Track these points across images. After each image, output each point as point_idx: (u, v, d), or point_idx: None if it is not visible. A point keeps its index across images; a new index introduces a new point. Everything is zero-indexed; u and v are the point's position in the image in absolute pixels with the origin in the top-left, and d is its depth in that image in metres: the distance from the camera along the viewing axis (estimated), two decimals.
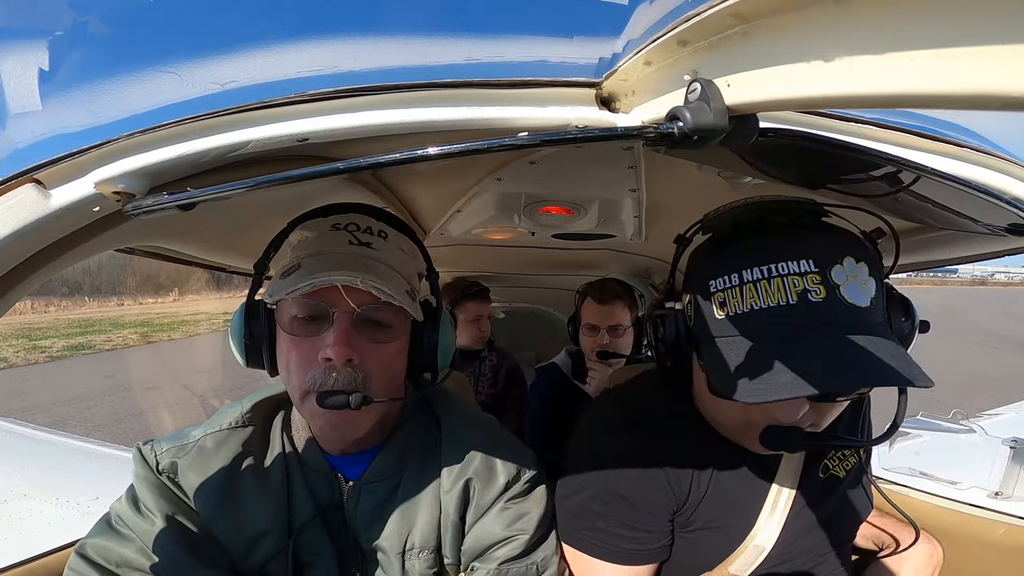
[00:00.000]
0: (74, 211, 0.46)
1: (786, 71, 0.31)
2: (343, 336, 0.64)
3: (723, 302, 0.60)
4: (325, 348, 0.63)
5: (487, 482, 0.73)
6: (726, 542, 0.76)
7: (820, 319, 0.56)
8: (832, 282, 0.57)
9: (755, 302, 0.58)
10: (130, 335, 16.07)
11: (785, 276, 0.57)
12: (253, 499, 0.70)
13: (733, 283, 0.60)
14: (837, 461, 0.80)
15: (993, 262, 3.53)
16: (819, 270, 0.57)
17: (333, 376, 0.64)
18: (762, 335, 0.58)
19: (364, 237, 0.69)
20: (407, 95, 0.44)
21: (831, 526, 0.78)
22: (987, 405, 6.56)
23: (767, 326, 0.58)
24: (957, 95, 0.25)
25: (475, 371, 2.02)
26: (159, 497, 0.68)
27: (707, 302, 0.62)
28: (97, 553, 0.66)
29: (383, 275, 0.65)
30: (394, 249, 0.72)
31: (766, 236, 0.62)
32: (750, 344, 0.58)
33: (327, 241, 0.69)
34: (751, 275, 0.59)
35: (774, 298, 0.57)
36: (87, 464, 1.75)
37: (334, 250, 0.68)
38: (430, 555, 0.73)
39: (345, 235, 0.69)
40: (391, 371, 0.70)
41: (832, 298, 0.56)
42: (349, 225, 0.70)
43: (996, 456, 1.45)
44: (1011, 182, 0.56)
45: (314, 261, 0.65)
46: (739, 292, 0.59)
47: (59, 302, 25.71)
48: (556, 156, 0.91)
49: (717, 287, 0.61)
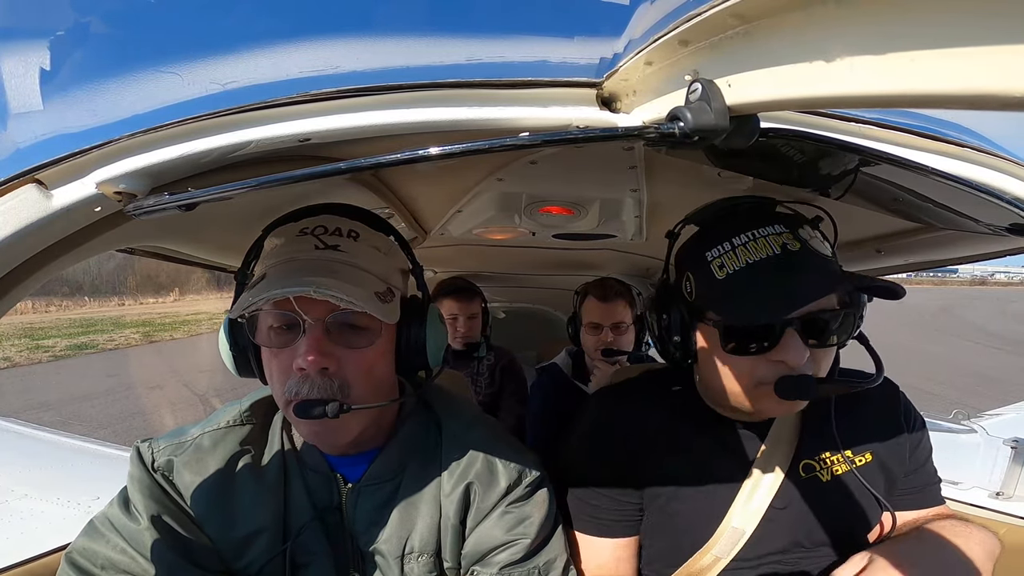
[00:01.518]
0: (75, 211, 0.47)
1: (787, 71, 0.31)
2: (314, 345, 0.62)
3: (721, 265, 0.71)
4: (298, 358, 0.63)
5: (488, 486, 0.73)
6: (705, 524, 0.79)
7: (800, 261, 0.69)
8: (801, 237, 0.70)
9: (748, 258, 0.70)
10: (132, 335, 16.19)
11: (767, 235, 0.70)
12: (249, 497, 0.70)
13: (726, 248, 0.71)
14: (823, 465, 0.82)
15: (994, 262, 3.57)
16: (790, 230, 0.71)
17: (308, 385, 0.63)
18: (761, 279, 0.69)
19: (331, 240, 0.68)
20: (408, 95, 0.44)
21: (821, 524, 0.80)
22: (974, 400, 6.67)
23: (755, 273, 0.69)
24: (957, 95, 0.25)
25: (472, 371, 2.02)
26: (148, 497, 0.68)
27: (706, 270, 0.72)
28: (83, 556, 0.66)
29: (348, 278, 0.63)
30: (366, 249, 0.69)
31: (743, 215, 0.75)
32: (754, 287, 0.68)
33: (294, 247, 0.67)
34: (740, 239, 0.71)
35: (763, 251, 0.69)
36: (87, 464, 1.75)
37: (300, 256, 0.66)
38: (429, 559, 0.72)
39: (311, 240, 0.67)
40: (373, 375, 0.68)
41: (805, 248, 0.70)
42: (316, 229, 0.68)
43: (997, 456, 1.45)
44: (1012, 182, 0.56)
45: (277, 271, 0.64)
46: (733, 254, 0.70)
47: (60, 302, 25.77)
48: (557, 156, 0.91)
49: (713, 255, 0.72)
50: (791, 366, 0.68)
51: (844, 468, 0.82)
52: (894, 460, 0.84)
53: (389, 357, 0.71)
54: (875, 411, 0.85)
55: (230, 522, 0.69)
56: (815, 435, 0.82)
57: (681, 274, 0.79)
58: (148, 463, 0.70)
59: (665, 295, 0.80)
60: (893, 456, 0.84)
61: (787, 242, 0.69)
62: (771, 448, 0.81)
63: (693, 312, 0.76)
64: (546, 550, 0.74)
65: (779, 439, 0.81)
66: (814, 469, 0.81)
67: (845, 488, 0.82)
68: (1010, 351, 12.56)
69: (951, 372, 9.13)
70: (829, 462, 0.82)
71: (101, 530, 0.67)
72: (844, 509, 0.82)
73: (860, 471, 0.81)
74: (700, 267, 0.74)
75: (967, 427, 1.86)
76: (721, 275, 0.71)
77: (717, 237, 0.72)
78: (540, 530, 0.73)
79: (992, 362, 10.90)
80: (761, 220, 0.72)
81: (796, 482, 0.80)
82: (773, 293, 0.67)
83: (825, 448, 0.82)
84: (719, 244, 0.72)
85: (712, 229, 0.75)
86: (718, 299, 0.71)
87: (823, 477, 0.81)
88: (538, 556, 0.73)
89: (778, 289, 0.67)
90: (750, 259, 0.69)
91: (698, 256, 0.74)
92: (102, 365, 11.15)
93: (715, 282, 0.71)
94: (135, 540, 0.65)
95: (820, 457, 0.82)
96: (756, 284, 0.68)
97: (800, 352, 0.68)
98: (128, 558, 0.65)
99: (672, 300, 0.78)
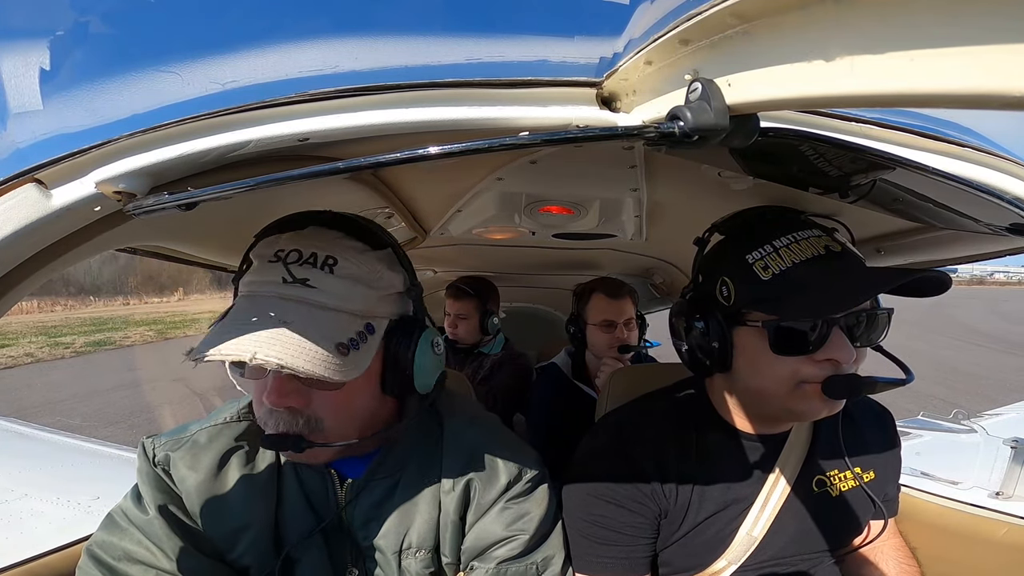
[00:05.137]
0: (75, 211, 0.46)
1: (787, 71, 0.31)
2: (276, 387, 0.62)
3: (765, 266, 0.71)
4: (263, 393, 0.63)
5: (488, 482, 0.73)
6: (722, 534, 0.80)
7: (845, 262, 0.71)
8: (840, 240, 0.73)
9: (793, 258, 0.70)
10: (146, 332, 16.47)
11: (808, 238, 0.71)
12: (240, 492, 0.71)
13: (768, 251, 0.71)
14: (835, 480, 0.84)
15: (993, 261, 3.57)
16: (827, 234, 0.73)
17: (273, 419, 0.64)
18: (813, 277, 0.69)
19: (301, 272, 0.62)
20: (408, 95, 0.44)
21: (824, 534, 0.82)
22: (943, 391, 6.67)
23: (806, 271, 0.69)
24: (957, 95, 0.25)
25: (472, 369, 2.02)
26: (154, 489, 0.70)
27: (749, 273, 0.72)
28: (101, 549, 0.68)
29: (305, 329, 0.58)
30: (340, 283, 0.63)
31: (776, 222, 0.75)
32: (807, 285, 0.69)
33: (260, 277, 0.63)
34: (781, 242, 0.71)
35: (806, 252, 0.70)
36: (88, 464, 1.75)
37: (261, 293, 0.62)
38: (427, 555, 0.73)
39: (280, 269, 0.62)
40: (349, 409, 0.67)
41: (845, 249, 0.72)
42: (290, 255, 0.63)
43: (997, 456, 1.45)
44: (1012, 182, 0.56)
45: (232, 317, 0.61)
46: (776, 255, 0.71)
47: (65, 301, 25.89)
48: (557, 156, 0.91)
49: (755, 258, 0.72)
50: (841, 364, 0.68)
51: (852, 484, 0.84)
52: (890, 476, 0.88)
53: (371, 385, 0.69)
54: (879, 434, 0.89)
55: (221, 515, 0.71)
56: (825, 449, 0.84)
57: (713, 281, 0.77)
58: (151, 457, 0.73)
59: (698, 303, 0.78)
60: (890, 472, 0.88)
61: (828, 244, 0.71)
62: (784, 460, 0.82)
63: (731, 317, 0.74)
64: (545, 546, 0.74)
65: (791, 451, 0.82)
66: (825, 484, 0.83)
67: (851, 503, 0.85)
68: (990, 347, 12.86)
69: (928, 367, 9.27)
70: (838, 478, 0.84)
71: (119, 522, 0.70)
72: (847, 522, 0.84)
73: (867, 487, 0.84)
74: (740, 270, 0.73)
75: (967, 427, 1.86)
76: (767, 276, 0.70)
77: (756, 241, 0.73)
78: (539, 526, 0.73)
79: (970, 358, 11.18)
80: (797, 225, 0.73)
81: (807, 494, 0.82)
82: (828, 290, 0.67)
83: (836, 465, 0.84)
84: (759, 246, 0.72)
85: (747, 234, 0.75)
86: (767, 299, 0.71)
87: (832, 492, 0.83)
88: (537, 552, 0.73)
89: (834, 286, 0.67)
90: (796, 259, 0.69)
91: (736, 260, 0.74)
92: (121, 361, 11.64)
93: (761, 283, 0.71)
94: (147, 530, 0.68)
95: (830, 474, 0.84)
96: (809, 282, 0.68)
97: (849, 351, 0.68)
98: (144, 548, 0.67)
99: (708, 307, 0.76)
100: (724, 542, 0.80)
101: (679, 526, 0.80)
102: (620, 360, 1.67)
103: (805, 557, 0.82)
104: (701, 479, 0.80)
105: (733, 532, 0.80)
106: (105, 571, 0.67)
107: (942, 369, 9.47)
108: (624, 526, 0.78)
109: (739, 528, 0.80)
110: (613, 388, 1.31)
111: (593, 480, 0.80)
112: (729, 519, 0.80)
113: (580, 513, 0.79)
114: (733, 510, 0.80)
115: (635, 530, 0.79)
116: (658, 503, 0.79)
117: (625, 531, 0.78)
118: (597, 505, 0.79)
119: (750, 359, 0.74)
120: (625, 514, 0.78)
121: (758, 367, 0.73)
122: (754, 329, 0.72)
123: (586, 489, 0.80)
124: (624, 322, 1.68)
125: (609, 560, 0.78)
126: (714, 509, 0.80)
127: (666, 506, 0.79)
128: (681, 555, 0.81)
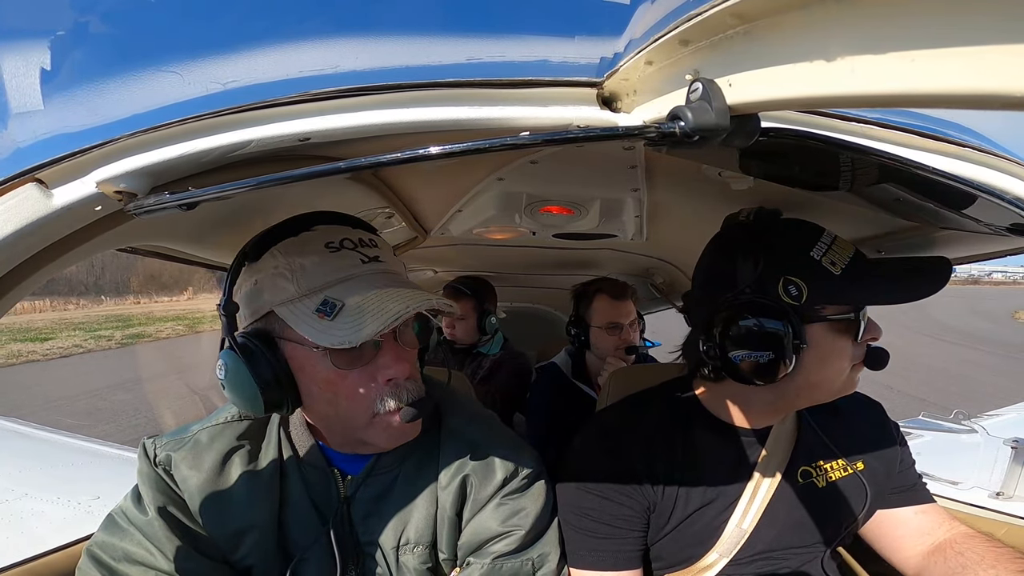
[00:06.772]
0: (76, 210, 0.46)
1: (788, 71, 0.31)
2: (401, 355, 0.67)
3: (833, 261, 0.72)
4: (384, 370, 0.65)
5: (484, 478, 0.73)
6: (712, 527, 0.81)
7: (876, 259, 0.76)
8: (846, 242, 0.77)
9: (847, 254, 0.73)
10: (176, 327, 17.56)
11: (835, 238, 0.75)
12: (243, 492, 0.71)
13: (823, 250, 0.73)
14: (819, 471, 0.85)
15: (992, 261, 3.59)
16: None
17: (404, 392, 0.67)
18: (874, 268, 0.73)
19: (369, 252, 0.66)
20: (408, 95, 0.44)
21: (814, 525, 0.83)
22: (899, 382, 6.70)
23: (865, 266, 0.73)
24: (958, 95, 0.25)
25: (473, 368, 2.02)
26: (154, 490, 0.70)
27: (817, 268, 0.72)
28: (101, 550, 0.68)
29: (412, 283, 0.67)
30: (389, 251, 0.71)
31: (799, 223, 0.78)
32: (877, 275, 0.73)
33: (342, 263, 0.64)
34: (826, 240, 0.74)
35: (847, 253, 0.74)
36: (87, 464, 1.75)
37: (357, 272, 0.64)
38: (424, 551, 0.73)
39: (353, 254, 0.65)
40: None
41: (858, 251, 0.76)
42: (345, 242, 0.65)
43: (997, 456, 1.46)
44: (1013, 182, 0.56)
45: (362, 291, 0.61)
46: (833, 251, 0.73)
47: (77, 300, 26.04)
48: (557, 156, 0.91)
49: (820, 252, 0.72)
50: (876, 340, 0.76)
51: (840, 474, 0.85)
52: (885, 469, 0.88)
53: None
54: (868, 424, 0.91)
55: (224, 516, 0.71)
56: (810, 441, 0.85)
57: (774, 282, 0.73)
58: (151, 458, 0.72)
59: (766, 307, 0.72)
60: (884, 466, 0.88)
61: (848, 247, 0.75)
62: (771, 452, 0.83)
63: (804, 315, 0.71)
64: (540, 542, 0.74)
65: (777, 444, 0.84)
66: (811, 475, 0.85)
67: (839, 493, 0.85)
68: (955, 342, 13.89)
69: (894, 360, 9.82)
70: (824, 468, 0.85)
71: (119, 523, 0.70)
72: (836, 512, 0.85)
73: (854, 477, 0.85)
74: (806, 267, 0.72)
75: (967, 427, 1.86)
76: (837, 271, 0.72)
77: (810, 240, 0.74)
78: (535, 522, 0.73)
79: (934, 351, 12.06)
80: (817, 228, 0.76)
81: (794, 486, 0.83)
82: (900, 280, 0.73)
83: (822, 455, 0.86)
84: (817, 242, 0.73)
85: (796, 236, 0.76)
86: (848, 290, 0.72)
87: (819, 483, 0.85)
88: (532, 548, 0.74)
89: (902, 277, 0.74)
90: (849, 255, 0.73)
91: (799, 256, 0.73)
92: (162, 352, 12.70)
93: (832, 278, 0.72)
94: (147, 531, 0.68)
95: (816, 464, 0.85)
96: (876, 273, 0.73)
97: (878, 326, 0.75)
98: (143, 549, 0.67)
99: (779, 309, 0.71)
100: (713, 535, 0.81)
101: (668, 519, 0.81)
102: (625, 361, 1.67)
103: (797, 550, 0.83)
104: (688, 473, 0.81)
105: (722, 525, 0.81)
106: (105, 572, 0.67)
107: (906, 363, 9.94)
108: (614, 519, 0.79)
109: (728, 521, 0.81)
110: (613, 388, 1.31)
111: (583, 474, 0.82)
112: (717, 512, 0.81)
113: (571, 507, 0.81)
114: (721, 503, 0.81)
115: (625, 523, 0.80)
116: (646, 496, 0.80)
117: (615, 524, 0.79)
118: (586, 499, 0.80)
119: (821, 354, 0.73)
120: (614, 507, 0.79)
121: (828, 360, 0.74)
122: (826, 324, 0.73)
123: (576, 484, 0.81)
124: (629, 323, 1.68)
125: (601, 553, 0.79)
126: (702, 502, 0.81)
127: (654, 499, 0.81)
128: (672, 549, 0.82)
